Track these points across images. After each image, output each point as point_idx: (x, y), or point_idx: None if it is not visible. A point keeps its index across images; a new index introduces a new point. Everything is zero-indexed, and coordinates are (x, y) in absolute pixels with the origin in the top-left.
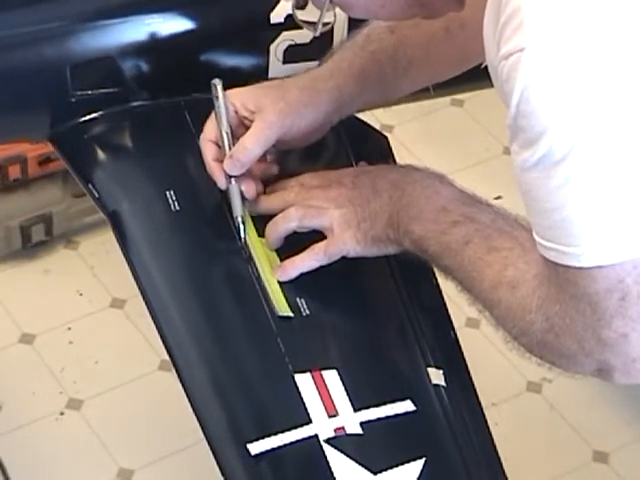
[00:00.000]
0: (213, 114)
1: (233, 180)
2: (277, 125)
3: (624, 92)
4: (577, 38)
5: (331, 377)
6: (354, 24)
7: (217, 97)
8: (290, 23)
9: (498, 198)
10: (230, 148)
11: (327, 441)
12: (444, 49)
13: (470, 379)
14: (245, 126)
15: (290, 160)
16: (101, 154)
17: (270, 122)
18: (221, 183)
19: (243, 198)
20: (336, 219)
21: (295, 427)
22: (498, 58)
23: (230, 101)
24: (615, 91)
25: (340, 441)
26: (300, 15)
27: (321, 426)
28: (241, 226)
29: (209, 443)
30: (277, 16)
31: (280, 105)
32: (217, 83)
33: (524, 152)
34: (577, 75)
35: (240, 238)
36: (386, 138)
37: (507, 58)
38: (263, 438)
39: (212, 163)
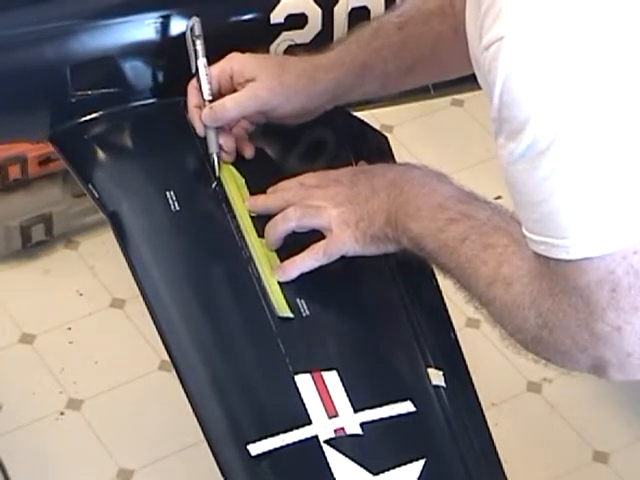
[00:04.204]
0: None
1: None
2: (262, 100)
3: (604, 77)
4: (555, 24)
5: (331, 378)
6: (354, 23)
7: (195, 44)
8: (290, 23)
9: (498, 198)
10: (207, 95)
11: (327, 442)
12: (451, 49)
13: (470, 379)
14: (236, 92)
15: (290, 160)
16: (101, 154)
17: (256, 95)
18: (199, 130)
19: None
20: (334, 218)
21: (295, 428)
22: (480, 49)
23: (229, 64)
24: (595, 77)
25: (340, 442)
26: None
27: (321, 427)
28: (216, 163)
29: (209, 444)
30: (277, 16)
31: (274, 83)
32: (196, 22)
33: (510, 144)
34: (557, 62)
35: (215, 176)
36: (386, 138)
37: (488, 48)
38: (263, 439)
39: (193, 109)
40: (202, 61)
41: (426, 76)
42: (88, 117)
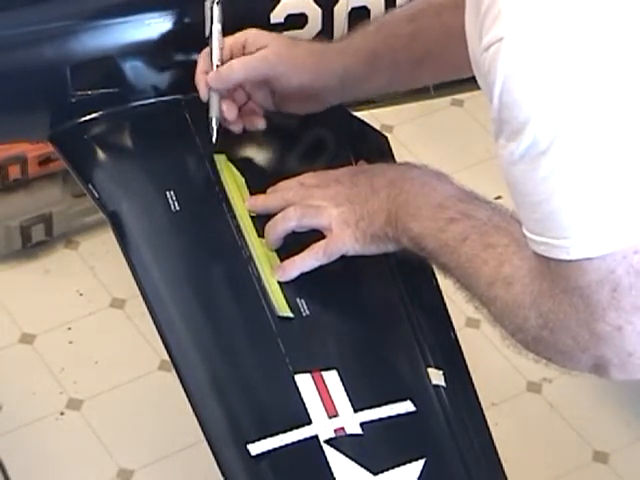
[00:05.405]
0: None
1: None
2: (270, 64)
3: (604, 77)
4: (555, 24)
5: (331, 377)
6: (354, 23)
7: (214, 9)
8: (290, 23)
9: (498, 198)
10: (216, 60)
11: (327, 442)
12: (463, 44)
13: (470, 379)
14: None
15: (290, 160)
16: (101, 154)
17: (265, 57)
18: (203, 94)
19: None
20: (334, 218)
21: (295, 427)
22: (480, 50)
23: (244, 35)
24: (595, 77)
25: (340, 442)
26: None
27: (321, 427)
28: (214, 127)
29: (209, 443)
30: (277, 16)
31: (283, 51)
32: None
33: (510, 145)
34: (556, 62)
35: (212, 139)
36: (386, 138)
37: (488, 49)
38: (263, 438)
39: (200, 74)
40: (217, 27)
41: (436, 72)
42: (88, 117)
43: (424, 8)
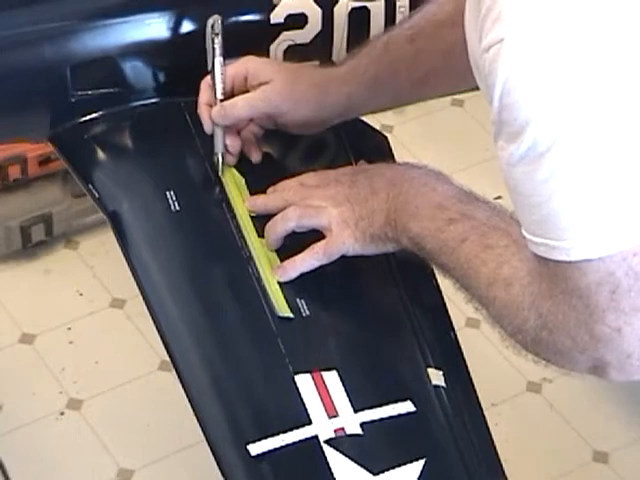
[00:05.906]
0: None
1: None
2: (273, 104)
3: (604, 79)
4: (555, 26)
5: (331, 378)
6: (354, 23)
7: (214, 42)
8: (290, 23)
9: (498, 198)
10: (219, 94)
11: (327, 442)
12: (464, 59)
13: (470, 379)
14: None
15: (290, 160)
16: (101, 154)
17: (267, 97)
18: (207, 127)
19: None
20: (334, 218)
21: (295, 428)
22: (480, 52)
23: (245, 66)
24: (595, 79)
25: (340, 442)
26: None
27: (321, 427)
28: (220, 162)
29: (209, 444)
30: (277, 16)
31: (287, 88)
32: (217, 20)
33: (510, 146)
34: (557, 64)
35: (218, 174)
36: (386, 138)
37: (488, 51)
38: (263, 439)
39: (203, 106)
40: (218, 59)
41: (440, 87)
42: (88, 117)
43: (423, 26)
